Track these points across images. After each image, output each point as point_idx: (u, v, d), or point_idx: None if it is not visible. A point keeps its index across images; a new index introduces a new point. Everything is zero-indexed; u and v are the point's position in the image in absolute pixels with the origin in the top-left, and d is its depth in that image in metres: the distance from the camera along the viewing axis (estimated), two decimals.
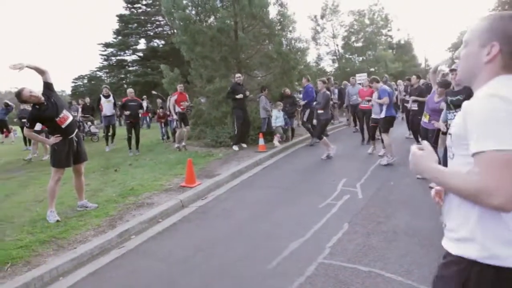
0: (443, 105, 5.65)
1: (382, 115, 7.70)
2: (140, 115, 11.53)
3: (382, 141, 8.61)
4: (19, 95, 4.89)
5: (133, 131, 10.69)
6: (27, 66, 4.79)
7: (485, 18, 1.31)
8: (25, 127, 5.28)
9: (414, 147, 1.42)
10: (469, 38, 1.34)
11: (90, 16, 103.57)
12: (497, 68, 1.27)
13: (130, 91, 10.98)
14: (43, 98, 4.99)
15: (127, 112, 10.43)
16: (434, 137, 6.08)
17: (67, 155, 5.21)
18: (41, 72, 5.09)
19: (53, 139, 5.14)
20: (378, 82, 8.11)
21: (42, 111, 4.99)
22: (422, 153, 1.37)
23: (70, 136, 5.23)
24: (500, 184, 1.07)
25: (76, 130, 5.44)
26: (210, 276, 3.55)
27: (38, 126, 9.93)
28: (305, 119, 10.90)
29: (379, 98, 7.76)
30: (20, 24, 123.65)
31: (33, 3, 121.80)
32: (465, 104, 1.24)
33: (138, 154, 10.50)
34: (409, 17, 61.75)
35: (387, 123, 7.71)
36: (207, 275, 3.59)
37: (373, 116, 8.64)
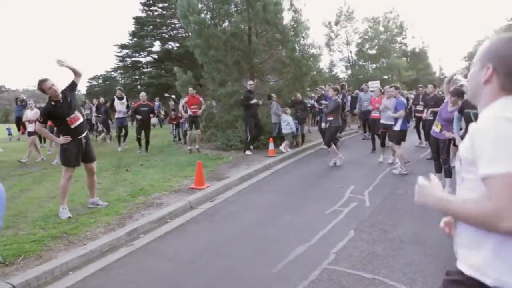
0: (456, 114, 5.58)
1: (397, 127, 7.65)
2: (151, 119, 11.67)
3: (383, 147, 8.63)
4: (41, 83, 5.08)
5: (143, 133, 10.86)
6: (66, 66, 5.10)
7: (487, 40, 1.37)
8: (37, 122, 5.42)
9: (421, 179, 1.44)
10: (475, 59, 1.40)
11: (108, 18, 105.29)
12: (496, 89, 1.30)
13: (142, 94, 11.16)
14: (61, 96, 5.16)
15: (138, 117, 10.62)
16: (446, 147, 6.03)
17: (76, 155, 5.35)
18: (76, 73, 5.38)
19: (63, 139, 5.25)
20: (397, 88, 8.14)
21: (57, 108, 5.15)
22: (428, 184, 1.40)
23: (79, 137, 5.37)
24: (509, 207, 1.06)
25: (86, 131, 5.56)
26: (215, 277, 3.61)
27: (30, 127, 10.29)
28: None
29: (395, 110, 7.75)
30: (38, 24, 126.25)
31: (53, 4, 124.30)
32: (472, 127, 1.26)
33: (146, 155, 10.63)
34: (424, 25, 61.33)
35: (401, 136, 7.67)
36: (212, 276, 3.65)
37: (382, 121, 8.64)
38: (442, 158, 6.09)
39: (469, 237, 1.29)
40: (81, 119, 5.41)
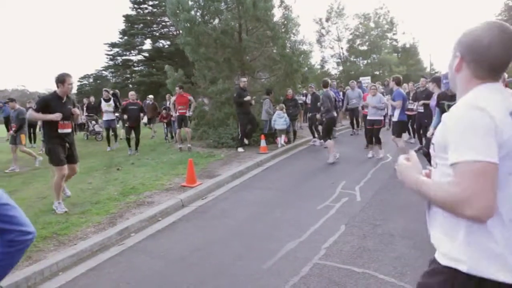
0: (437, 110, 5.67)
1: (395, 118, 7.72)
2: (140, 118, 11.53)
3: (379, 142, 8.64)
4: (65, 75, 5.24)
5: (133, 133, 10.73)
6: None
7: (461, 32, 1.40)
8: (30, 109, 5.38)
9: (401, 158, 1.47)
10: (452, 49, 1.43)
11: (97, 16, 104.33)
12: (469, 77, 1.33)
13: (131, 93, 11.05)
14: (69, 93, 5.39)
15: (125, 117, 10.46)
16: None
17: (63, 153, 5.37)
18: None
19: (58, 115, 5.19)
20: (398, 84, 8.10)
21: (59, 103, 5.22)
22: (408, 163, 1.42)
23: (62, 142, 5.38)
24: (475, 194, 1.09)
25: (70, 141, 5.57)
26: (206, 275, 3.62)
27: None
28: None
29: (393, 100, 7.82)
30: (27, 23, 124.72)
31: (40, 2, 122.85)
32: (445, 115, 1.28)
33: (137, 154, 10.56)
34: (415, 20, 61.66)
35: (399, 127, 7.72)
36: (203, 273, 3.65)
37: (369, 117, 8.70)
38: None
39: (442, 224, 1.31)
40: (69, 130, 5.51)
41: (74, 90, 42.13)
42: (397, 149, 8.04)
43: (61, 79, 5.23)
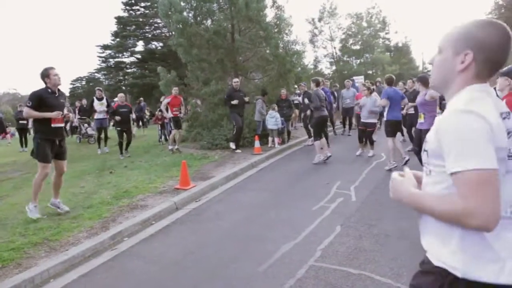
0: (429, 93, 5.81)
1: (385, 118, 7.69)
2: (131, 121, 11.39)
3: (371, 143, 8.66)
4: (48, 69, 5.16)
5: (124, 136, 10.56)
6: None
7: (460, 25, 1.29)
8: (26, 106, 5.27)
9: (395, 174, 1.42)
10: (443, 45, 1.32)
11: (88, 18, 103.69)
12: (470, 77, 1.26)
13: (120, 95, 10.93)
14: (59, 86, 5.32)
15: (117, 118, 10.30)
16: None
17: (51, 151, 5.26)
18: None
19: (56, 113, 5.13)
20: (390, 84, 7.89)
21: (51, 97, 5.16)
22: (402, 179, 1.36)
23: (53, 137, 5.28)
24: (481, 204, 1.05)
25: (62, 138, 5.48)
26: (201, 279, 3.56)
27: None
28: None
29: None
30: (18, 25, 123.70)
31: (31, 4, 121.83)
32: (438, 120, 1.23)
33: (128, 156, 10.43)
34: (407, 20, 61.97)
35: (389, 126, 7.58)
36: (197, 277, 3.59)
37: (362, 120, 8.71)
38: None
39: (435, 228, 1.27)
40: (62, 125, 5.46)
41: (67, 93, 41.87)
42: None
43: (45, 73, 5.14)
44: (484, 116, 1.12)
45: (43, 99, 5.11)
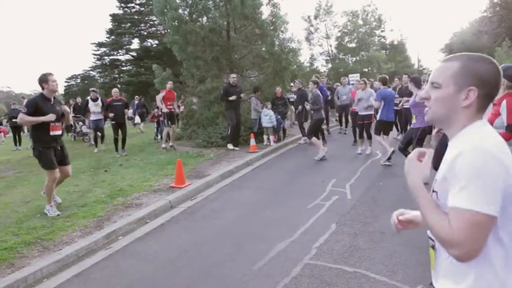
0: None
1: (377, 117, 7.73)
2: (126, 115, 11.30)
3: (369, 137, 8.72)
4: (47, 74, 5.17)
5: (119, 132, 10.48)
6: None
7: (454, 59, 1.28)
8: (20, 113, 5.24)
9: (414, 153, 1.37)
10: (442, 81, 1.28)
11: (83, 15, 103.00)
12: (474, 112, 1.25)
13: (114, 90, 10.83)
14: (56, 93, 5.34)
15: (111, 114, 10.21)
16: (417, 139, 6.12)
17: (54, 155, 5.26)
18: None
19: (51, 115, 5.08)
20: (384, 84, 7.99)
21: (48, 105, 5.12)
22: (417, 164, 1.33)
23: (53, 145, 5.27)
24: (467, 241, 1.09)
25: (60, 144, 5.45)
26: (196, 278, 3.54)
27: None
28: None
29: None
30: (12, 23, 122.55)
31: (25, 1, 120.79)
32: (451, 154, 1.21)
33: (124, 154, 10.37)
34: (402, 18, 62.19)
35: (380, 126, 7.74)
36: (192, 276, 3.58)
37: (359, 113, 8.76)
38: (413, 147, 6.21)
39: (449, 268, 1.25)
40: (60, 132, 5.44)
41: (61, 91, 41.64)
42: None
43: (44, 79, 5.13)
44: (502, 160, 1.12)
45: (39, 107, 5.08)
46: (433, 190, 1.30)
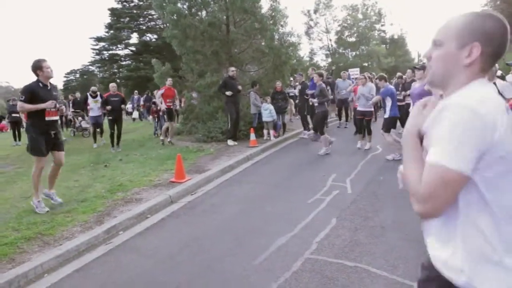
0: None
1: (387, 115, 7.63)
2: (122, 111, 11.25)
3: (369, 133, 8.70)
4: (40, 60, 5.08)
5: (115, 127, 10.43)
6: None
7: (461, 16, 1.20)
8: (19, 101, 5.19)
9: (424, 100, 1.32)
10: (444, 38, 1.22)
11: (81, 10, 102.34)
12: (476, 71, 1.19)
13: (112, 85, 10.79)
14: (52, 78, 5.24)
15: (108, 107, 10.17)
16: None
17: (46, 144, 5.20)
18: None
19: (50, 103, 5.04)
20: (386, 81, 7.98)
21: (43, 91, 5.07)
22: (417, 112, 1.29)
23: (48, 130, 5.21)
24: (434, 197, 1.09)
25: (56, 131, 5.40)
26: (196, 273, 3.54)
27: None
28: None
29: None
30: (10, 17, 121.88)
31: None
32: (438, 109, 1.17)
33: (119, 151, 10.34)
34: (402, 12, 61.88)
35: (390, 123, 7.70)
36: (192, 271, 3.57)
37: (358, 108, 8.73)
38: None
39: (438, 231, 1.23)
40: (57, 117, 5.38)
41: (61, 86, 41.49)
42: (386, 142, 8.04)
43: (38, 65, 5.05)
44: (484, 117, 1.06)
45: (35, 93, 5.03)
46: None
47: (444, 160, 1.06)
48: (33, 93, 5.02)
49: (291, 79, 13.76)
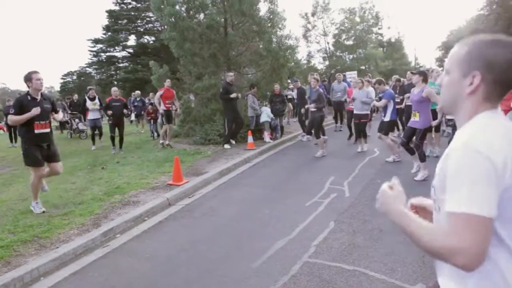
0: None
1: (387, 118, 7.61)
2: (124, 115, 11.20)
3: (364, 136, 8.74)
4: (32, 72, 5.07)
5: (117, 131, 10.37)
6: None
7: (463, 44, 1.21)
8: (9, 115, 5.19)
9: (385, 185, 1.36)
10: (450, 66, 1.23)
11: (79, 11, 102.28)
12: (480, 100, 1.17)
13: (114, 89, 10.76)
14: (40, 96, 5.13)
15: (109, 112, 10.13)
16: (421, 133, 6.18)
17: (40, 153, 5.18)
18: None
19: (35, 110, 4.97)
20: (384, 84, 8.05)
21: (32, 104, 5.01)
22: (392, 193, 1.31)
23: (40, 144, 5.18)
24: (471, 246, 1.03)
25: (49, 143, 5.34)
26: (194, 276, 3.52)
27: None
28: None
29: (380, 100, 7.79)
30: (7, 19, 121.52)
31: None
32: (445, 154, 1.16)
33: (121, 153, 10.30)
34: (399, 15, 62.15)
35: (390, 127, 7.74)
36: (190, 274, 3.56)
37: (355, 112, 8.75)
38: (415, 143, 6.23)
39: (451, 271, 1.19)
40: (48, 130, 5.29)
41: (58, 88, 41.39)
42: (386, 146, 8.04)
43: (28, 77, 5.04)
44: (488, 155, 1.04)
45: (24, 106, 5.02)
46: (432, 186, 1.27)
47: (469, 208, 1.03)
48: (22, 105, 5.02)
49: (289, 81, 13.77)
